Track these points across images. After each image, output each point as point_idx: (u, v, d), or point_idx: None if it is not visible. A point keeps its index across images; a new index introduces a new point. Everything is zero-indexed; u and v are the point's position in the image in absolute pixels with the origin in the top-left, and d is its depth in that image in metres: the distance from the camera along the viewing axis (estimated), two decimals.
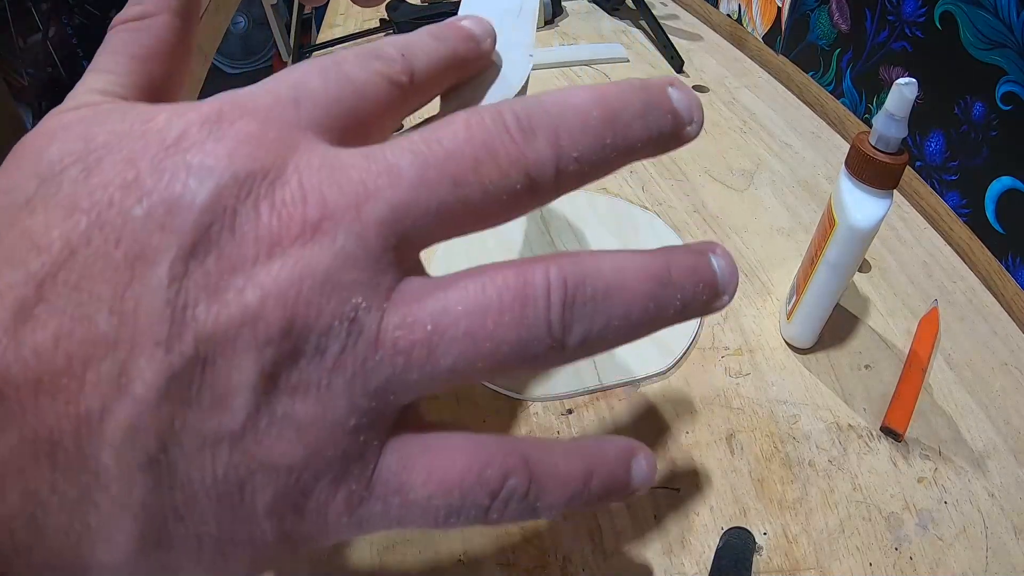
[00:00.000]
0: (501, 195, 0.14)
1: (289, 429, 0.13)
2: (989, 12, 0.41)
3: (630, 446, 0.18)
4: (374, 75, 0.16)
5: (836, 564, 0.31)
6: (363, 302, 0.13)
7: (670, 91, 0.17)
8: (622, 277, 0.15)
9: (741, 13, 0.71)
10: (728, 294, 0.17)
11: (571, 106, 0.15)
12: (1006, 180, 0.42)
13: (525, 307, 0.14)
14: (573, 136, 0.15)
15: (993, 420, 0.36)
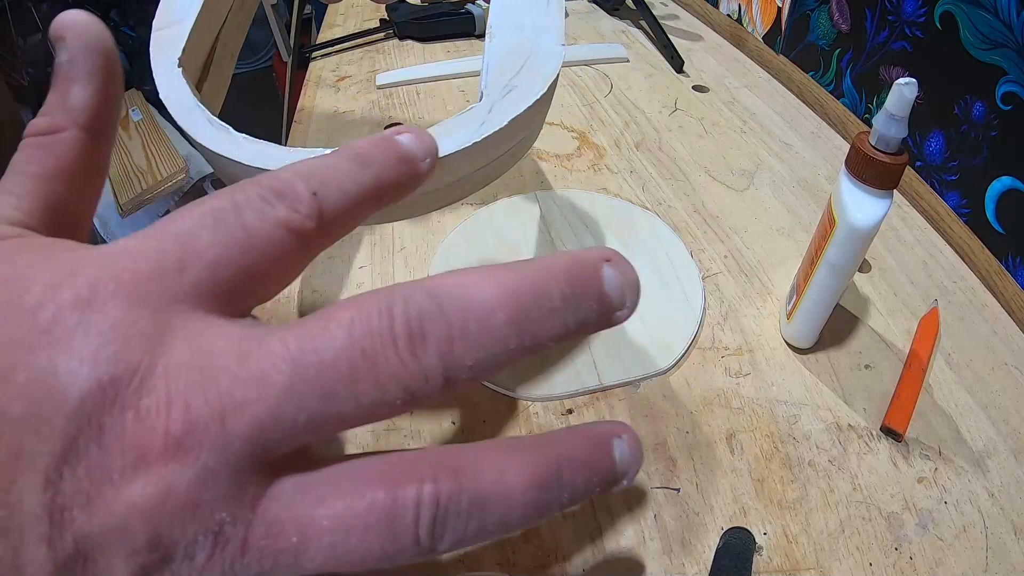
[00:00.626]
0: (377, 408, 0.14)
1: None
2: (989, 12, 0.41)
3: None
4: (274, 226, 0.15)
5: (836, 564, 0.31)
6: (227, 516, 0.13)
7: (604, 271, 0.16)
8: (503, 486, 0.15)
9: (741, 13, 0.71)
10: (628, 479, 0.17)
11: (474, 307, 0.14)
12: (1006, 180, 0.42)
13: (392, 525, 0.14)
14: (469, 344, 0.14)
15: (993, 420, 0.36)
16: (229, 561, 0.13)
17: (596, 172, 0.54)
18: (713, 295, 0.43)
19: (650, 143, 0.57)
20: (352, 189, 0.17)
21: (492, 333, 0.14)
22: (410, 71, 0.67)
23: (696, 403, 0.37)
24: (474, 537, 0.15)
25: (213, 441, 0.13)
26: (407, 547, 0.14)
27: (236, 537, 0.13)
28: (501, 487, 0.15)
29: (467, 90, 0.65)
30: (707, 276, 0.45)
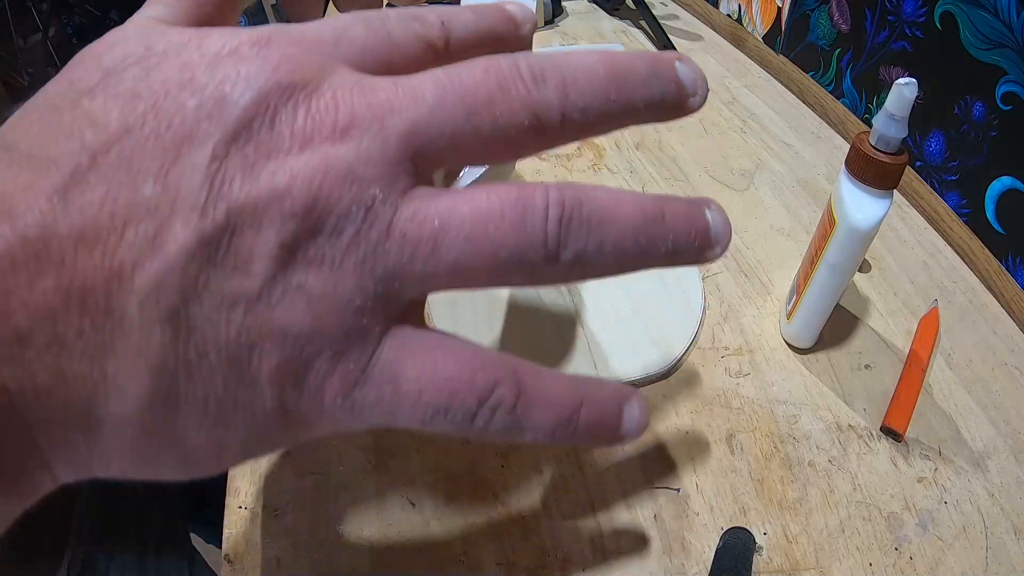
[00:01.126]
0: (509, 130, 0.16)
1: (300, 300, 0.14)
2: (989, 12, 0.41)
3: (625, 390, 0.19)
4: (412, 36, 0.17)
5: (836, 564, 0.31)
6: (380, 194, 0.14)
7: (677, 65, 0.18)
8: (617, 208, 0.16)
9: (741, 13, 0.71)
10: (720, 246, 0.18)
11: (580, 64, 0.16)
12: (1006, 180, 0.42)
13: (524, 217, 0.15)
14: (580, 88, 0.16)
15: (993, 420, 0.36)
16: (373, 242, 0.14)
17: (596, 172, 0.54)
18: (713, 295, 0.43)
19: (650, 143, 0.57)
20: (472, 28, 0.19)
21: (597, 84, 0.16)
22: None
23: (696, 403, 0.37)
24: (592, 255, 0.16)
25: (374, 132, 0.14)
26: (537, 245, 0.15)
27: (384, 215, 0.14)
28: (616, 208, 0.16)
29: None
30: (707, 276, 0.45)
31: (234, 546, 0.32)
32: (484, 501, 0.33)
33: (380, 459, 0.35)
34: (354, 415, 0.15)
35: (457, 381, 0.15)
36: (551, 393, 0.17)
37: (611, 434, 0.18)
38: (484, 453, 0.35)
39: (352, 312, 0.14)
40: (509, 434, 0.16)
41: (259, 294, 0.13)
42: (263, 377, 0.14)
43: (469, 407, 0.15)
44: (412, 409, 0.15)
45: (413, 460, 0.35)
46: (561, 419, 0.17)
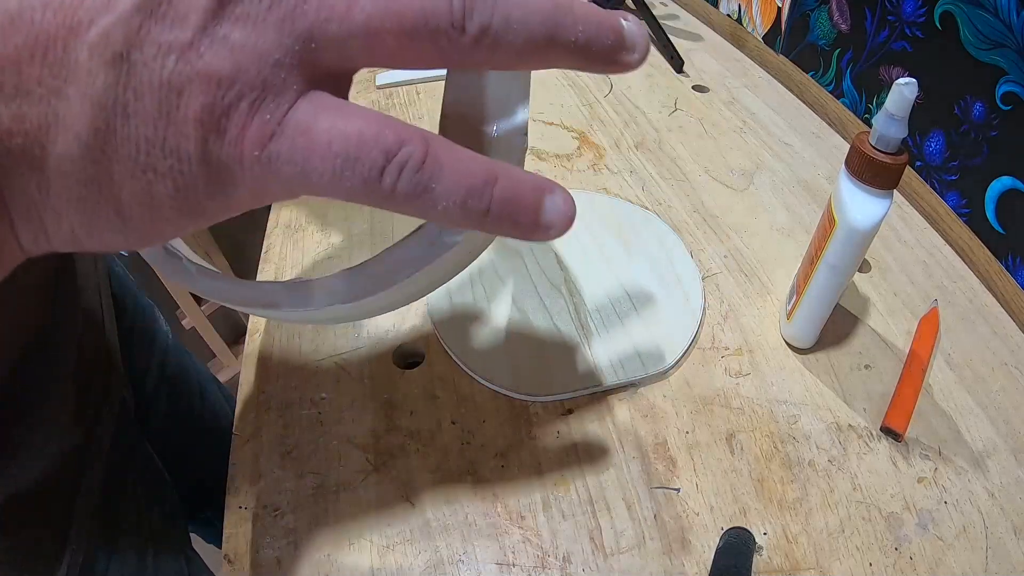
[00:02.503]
0: None
1: (225, 48, 0.15)
2: (989, 12, 0.41)
3: (548, 182, 0.18)
4: None
5: (836, 564, 0.31)
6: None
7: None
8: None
9: (741, 13, 0.71)
10: (638, 51, 0.18)
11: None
12: (1006, 180, 0.42)
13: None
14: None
15: (993, 420, 0.36)
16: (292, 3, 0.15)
17: (596, 172, 0.54)
18: (713, 295, 0.43)
19: (650, 143, 0.57)
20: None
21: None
22: (410, 71, 0.67)
23: (696, 403, 0.37)
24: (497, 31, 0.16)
25: None
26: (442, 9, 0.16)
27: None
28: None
29: None
30: (707, 276, 0.45)
31: (234, 546, 0.32)
32: (484, 501, 0.33)
33: (380, 459, 0.35)
34: (272, 170, 0.16)
35: (366, 134, 0.16)
36: (462, 160, 0.17)
37: (530, 218, 0.18)
38: (484, 453, 0.35)
39: (271, 64, 0.16)
40: (419, 199, 0.16)
41: (191, 42, 0.15)
42: (190, 119, 0.15)
43: (376, 160, 0.16)
44: (323, 160, 0.16)
45: (413, 460, 0.35)
46: (473, 187, 0.17)
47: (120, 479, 0.43)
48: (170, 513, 0.49)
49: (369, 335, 0.41)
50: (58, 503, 0.36)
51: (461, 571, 0.31)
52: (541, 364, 0.39)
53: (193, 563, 0.50)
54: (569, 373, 0.38)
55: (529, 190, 0.18)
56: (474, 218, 0.17)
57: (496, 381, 0.38)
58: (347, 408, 0.37)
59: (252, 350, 0.41)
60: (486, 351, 0.39)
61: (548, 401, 0.37)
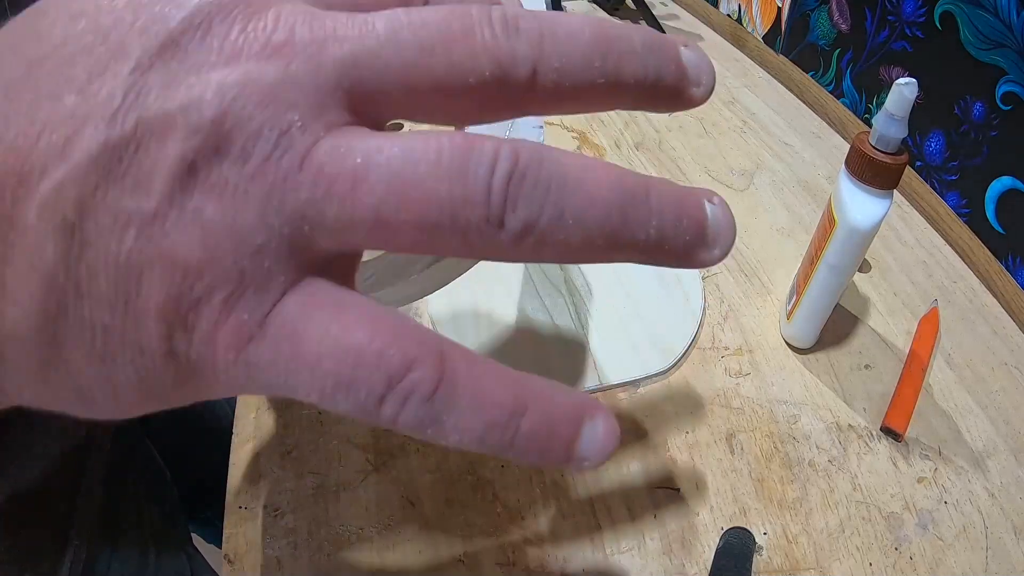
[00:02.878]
0: (467, 77, 0.14)
1: (195, 226, 0.13)
2: (989, 12, 0.41)
3: (589, 402, 0.16)
4: None
5: (836, 564, 0.31)
6: (299, 121, 0.13)
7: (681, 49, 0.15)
8: (587, 175, 0.14)
9: (741, 13, 0.71)
10: (720, 247, 0.15)
11: (565, 21, 0.14)
12: (1006, 180, 0.42)
13: (466, 164, 0.13)
14: (558, 45, 0.14)
15: (993, 420, 0.36)
16: (283, 172, 0.13)
17: None
18: (713, 295, 0.43)
19: (650, 143, 0.57)
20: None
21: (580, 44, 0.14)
22: None
23: (696, 403, 0.37)
24: (548, 226, 0.13)
25: (308, 55, 0.13)
26: (476, 201, 0.13)
27: (300, 144, 0.13)
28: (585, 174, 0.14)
29: None
30: (707, 276, 0.45)
31: (234, 546, 0.32)
32: (484, 501, 0.33)
33: (380, 459, 0.35)
34: (249, 376, 0.14)
35: (366, 352, 0.13)
36: (485, 387, 0.14)
37: (562, 454, 0.15)
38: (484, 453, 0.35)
39: (251, 250, 0.13)
40: (427, 431, 0.14)
41: (154, 215, 0.12)
42: (150, 309, 0.13)
43: (375, 387, 0.13)
44: (310, 377, 0.13)
45: (413, 460, 0.35)
46: (494, 423, 0.14)
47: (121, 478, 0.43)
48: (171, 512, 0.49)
49: None
50: (59, 502, 0.36)
51: (461, 571, 0.31)
52: (541, 364, 0.39)
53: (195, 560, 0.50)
54: (569, 373, 0.38)
55: (565, 421, 0.15)
56: (492, 450, 0.14)
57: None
58: None
59: None
60: (486, 351, 0.39)
61: None
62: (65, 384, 0.14)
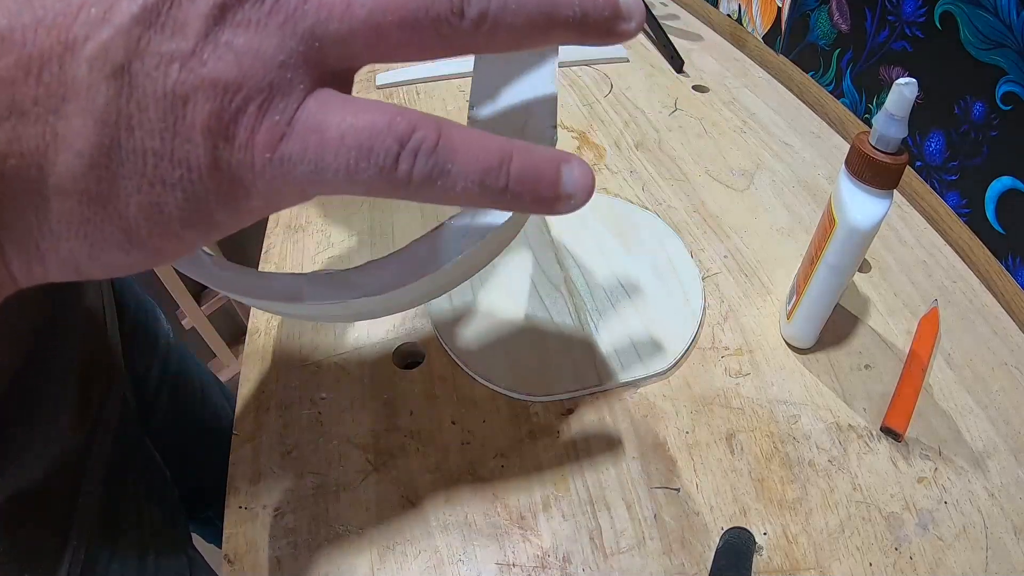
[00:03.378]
0: None
1: (229, 54, 0.15)
2: (989, 12, 0.41)
3: (563, 153, 0.18)
4: None
5: (836, 564, 0.31)
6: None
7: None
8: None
9: (741, 13, 0.71)
10: (635, 20, 0.18)
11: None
12: (1006, 180, 0.42)
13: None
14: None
15: (993, 420, 0.36)
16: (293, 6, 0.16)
17: (596, 172, 0.54)
18: (713, 295, 0.43)
19: (650, 143, 0.57)
20: None
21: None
22: (410, 71, 0.67)
23: (696, 403, 0.37)
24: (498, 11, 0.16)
25: None
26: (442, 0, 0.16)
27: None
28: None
29: (467, 90, 0.64)
30: (707, 276, 0.45)
31: (234, 546, 0.32)
32: (484, 501, 0.33)
33: (380, 459, 0.35)
34: (284, 172, 0.16)
35: (378, 124, 0.16)
36: (476, 140, 0.17)
37: (550, 191, 0.18)
38: (484, 453, 0.35)
39: (276, 66, 0.16)
40: (437, 183, 0.16)
41: (193, 50, 0.15)
42: (197, 127, 0.15)
43: (391, 148, 0.16)
44: (335, 157, 0.16)
45: (413, 460, 0.35)
46: (490, 165, 0.17)
47: (121, 479, 0.43)
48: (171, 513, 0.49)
49: (369, 335, 0.41)
50: (59, 503, 0.36)
51: (461, 571, 0.31)
52: (541, 364, 0.39)
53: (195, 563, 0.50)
54: (569, 373, 0.38)
55: (546, 163, 0.18)
56: (494, 196, 0.17)
57: (496, 381, 0.38)
58: (347, 408, 0.37)
59: (252, 350, 0.41)
60: (486, 351, 0.39)
61: (548, 401, 0.37)
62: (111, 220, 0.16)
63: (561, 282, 0.44)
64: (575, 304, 0.42)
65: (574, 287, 0.43)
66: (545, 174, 0.18)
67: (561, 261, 0.45)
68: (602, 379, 0.38)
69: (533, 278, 0.44)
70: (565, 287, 0.43)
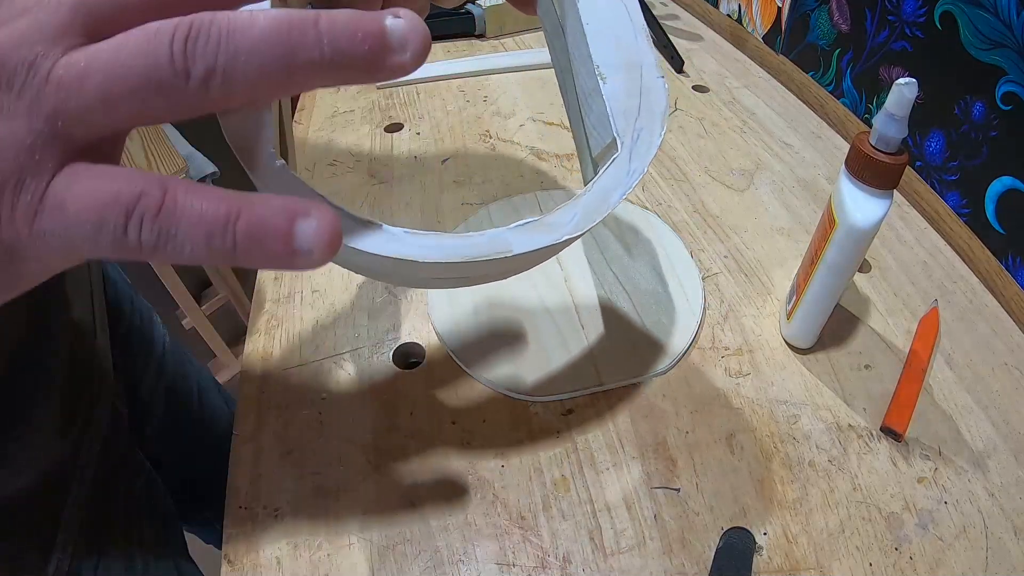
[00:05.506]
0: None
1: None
2: (989, 12, 0.41)
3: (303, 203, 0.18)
4: None
5: (836, 564, 0.31)
6: (42, 51, 0.17)
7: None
8: (255, 20, 0.16)
9: (741, 13, 0.71)
10: (410, 51, 0.18)
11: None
12: (1006, 180, 0.42)
13: (150, 40, 0.16)
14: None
15: (993, 420, 0.36)
16: (35, 89, 0.16)
17: None
18: (713, 295, 0.43)
19: None
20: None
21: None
22: None
23: (696, 403, 0.37)
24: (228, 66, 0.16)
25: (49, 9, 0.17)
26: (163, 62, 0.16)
27: (44, 67, 0.16)
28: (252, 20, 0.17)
29: (467, 90, 0.65)
30: (707, 276, 0.45)
31: (234, 546, 0.32)
32: (484, 501, 0.33)
33: (380, 459, 0.35)
34: (45, 243, 0.17)
35: (107, 196, 0.17)
36: (201, 201, 0.17)
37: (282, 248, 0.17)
38: (484, 453, 0.35)
39: (26, 149, 0.16)
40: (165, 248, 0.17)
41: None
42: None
43: (118, 219, 0.16)
44: (79, 230, 0.17)
45: (413, 460, 0.35)
46: (214, 227, 0.17)
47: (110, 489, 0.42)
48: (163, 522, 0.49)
49: (369, 335, 0.41)
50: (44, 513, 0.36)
51: (461, 571, 0.31)
52: (541, 364, 0.39)
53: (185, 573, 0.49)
54: (569, 373, 0.38)
55: (278, 218, 0.17)
56: (225, 256, 0.17)
57: (496, 381, 0.38)
58: (347, 408, 0.37)
59: (252, 350, 0.41)
60: (486, 351, 0.39)
61: (548, 401, 0.37)
62: None
63: (561, 282, 0.44)
64: (575, 304, 0.42)
65: (574, 287, 0.43)
66: (277, 231, 0.17)
67: (561, 261, 0.45)
68: (602, 379, 0.38)
69: (533, 278, 0.44)
70: (565, 287, 0.43)
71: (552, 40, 0.34)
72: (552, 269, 0.44)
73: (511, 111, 0.61)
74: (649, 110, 0.28)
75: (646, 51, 0.29)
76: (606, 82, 0.28)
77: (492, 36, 0.74)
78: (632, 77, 0.29)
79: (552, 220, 0.24)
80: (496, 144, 0.57)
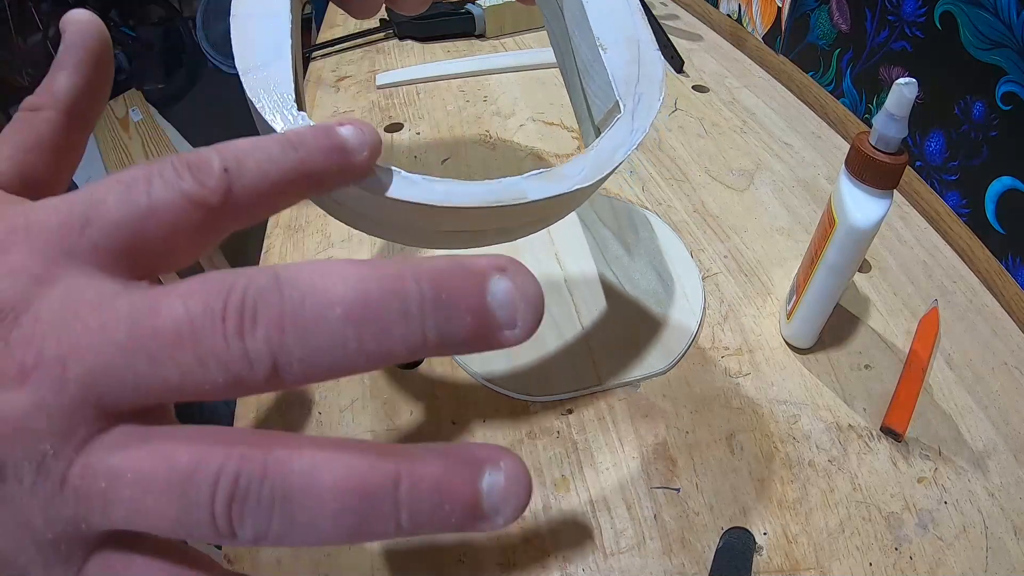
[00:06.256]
0: (200, 384, 0.14)
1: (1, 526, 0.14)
2: (989, 12, 0.41)
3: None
4: (179, 196, 0.16)
5: (836, 564, 0.31)
6: (51, 449, 0.14)
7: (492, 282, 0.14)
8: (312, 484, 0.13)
9: (741, 13, 0.71)
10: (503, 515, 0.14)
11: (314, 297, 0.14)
12: (1006, 180, 0.42)
13: (187, 494, 0.14)
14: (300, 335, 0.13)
15: (993, 420, 0.36)
16: (50, 492, 0.14)
17: None
18: (713, 295, 0.43)
19: (650, 143, 0.57)
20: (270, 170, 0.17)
21: (326, 328, 0.13)
22: (410, 71, 0.67)
23: (696, 403, 0.37)
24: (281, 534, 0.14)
25: (52, 379, 0.14)
26: (203, 522, 0.14)
27: (56, 471, 0.14)
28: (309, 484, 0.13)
29: (467, 90, 0.65)
30: (707, 276, 0.45)
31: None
32: None
33: None
34: None
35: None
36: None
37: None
38: None
39: (47, 542, 0.14)
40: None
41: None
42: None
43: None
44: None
45: None
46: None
47: None
48: None
49: None
50: None
51: (461, 571, 0.31)
52: (541, 364, 0.39)
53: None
54: (569, 373, 0.38)
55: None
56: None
57: (496, 381, 0.38)
58: (347, 408, 0.37)
59: None
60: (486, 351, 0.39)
61: (548, 401, 0.37)
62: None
63: (561, 282, 0.44)
64: (575, 304, 0.42)
65: (574, 287, 0.43)
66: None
67: (561, 261, 0.45)
68: (602, 379, 0.38)
69: None
70: (565, 287, 0.43)
71: (552, 24, 0.36)
72: (552, 269, 0.44)
73: (511, 111, 0.61)
74: (648, 77, 0.29)
75: (642, 28, 0.31)
76: (607, 51, 0.30)
77: (492, 36, 0.74)
78: (631, 49, 0.30)
79: (563, 171, 0.26)
80: (496, 144, 0.57)
